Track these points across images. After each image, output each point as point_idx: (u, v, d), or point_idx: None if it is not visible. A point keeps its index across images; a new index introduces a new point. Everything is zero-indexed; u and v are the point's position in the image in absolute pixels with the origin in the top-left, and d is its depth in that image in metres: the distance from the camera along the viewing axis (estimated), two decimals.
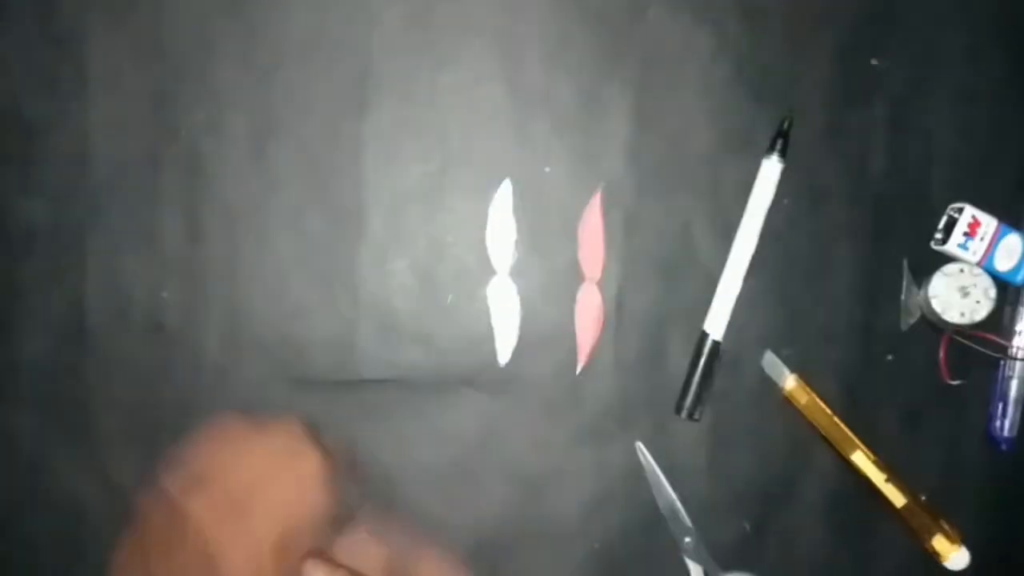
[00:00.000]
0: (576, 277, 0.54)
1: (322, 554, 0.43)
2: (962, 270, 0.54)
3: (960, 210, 0.53)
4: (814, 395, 0.54)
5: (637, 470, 0.55)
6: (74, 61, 0.53)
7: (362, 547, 0.46)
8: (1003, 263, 0.54)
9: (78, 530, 0.54)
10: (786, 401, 0.54)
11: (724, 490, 0.55)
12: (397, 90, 0.54)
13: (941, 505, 0.54)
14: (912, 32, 0.55)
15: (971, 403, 0.56)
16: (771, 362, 0.54)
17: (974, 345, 0.54)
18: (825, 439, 0.54)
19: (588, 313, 0.54)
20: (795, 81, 0.54)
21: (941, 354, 0.55)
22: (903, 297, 0.55)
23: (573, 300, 0.54)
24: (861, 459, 0.53)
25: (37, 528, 0.54)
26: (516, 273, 0.54)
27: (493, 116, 0.54)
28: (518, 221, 0.54)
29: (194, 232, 0.54)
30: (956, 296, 0.54)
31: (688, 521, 0.54)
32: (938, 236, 0.54)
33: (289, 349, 0.54)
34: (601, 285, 0.54)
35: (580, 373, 0.54)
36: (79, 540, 0.54)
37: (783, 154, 0.53)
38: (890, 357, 0.55)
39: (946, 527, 0.53)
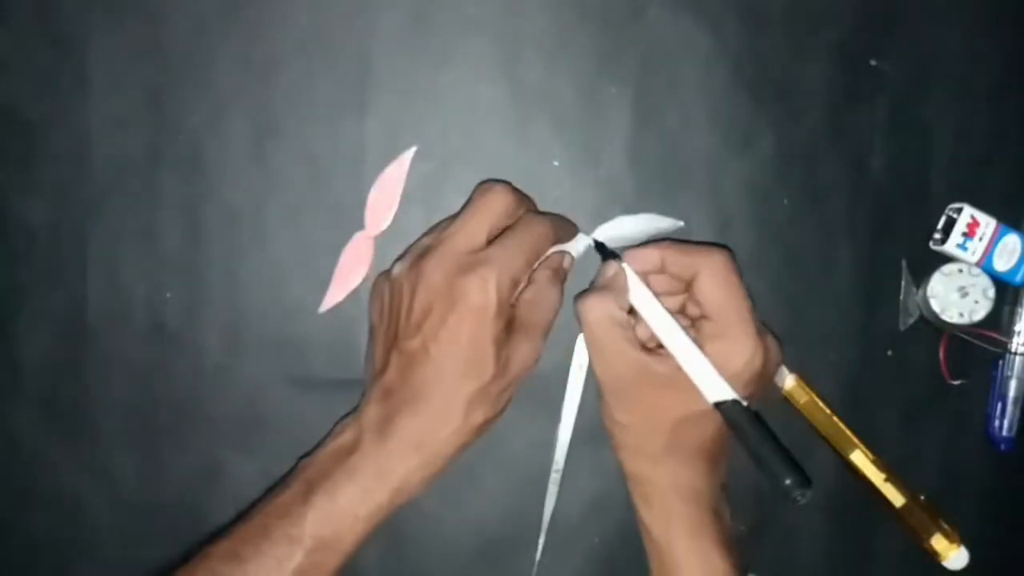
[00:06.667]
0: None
1: None
2: (961, 270, 0.54)
3: (959, 210, 0.54)
4: (813, 395, 0.54)
5: None
6: (74, 61, 0.53)
7: None
8: (1002, 263, 0.54)
9: (78, 529, 0.54)
10: (785, 401, 0.55)
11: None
12: (397, 89, 0.54)
13: (940, 505, 0.54)
14: (912, 32, 0.55)
15: (970, 403, 0.56)
16: None
17: (974, 340, 0.54)
18: (824, 439, 0.54)
19: (355, 262, 0.53)
20: (794, 81, 0.54)
21: (941, 354, 0.55)
22: (902, 297, 0.55)
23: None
24: (860, 459, 0.54)
25: (36, 527, 0.54)
26: None
27: (493, 115, 0.54)
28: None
29: (194, 232, 0.54)
30: (955, 296, 0.54)
31: None
32: (937, 236, 0.55)
33: (290, 349, 0.54)
34: (377, 240, 0.54)
35: (322, 313, 0.54)
36: (79, 539, 0.54)
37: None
38: (889, 352, 0.56)
39: (945, 527, 0.53)
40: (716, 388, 0.46)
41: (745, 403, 0.46)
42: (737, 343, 0.46)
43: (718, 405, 0.46)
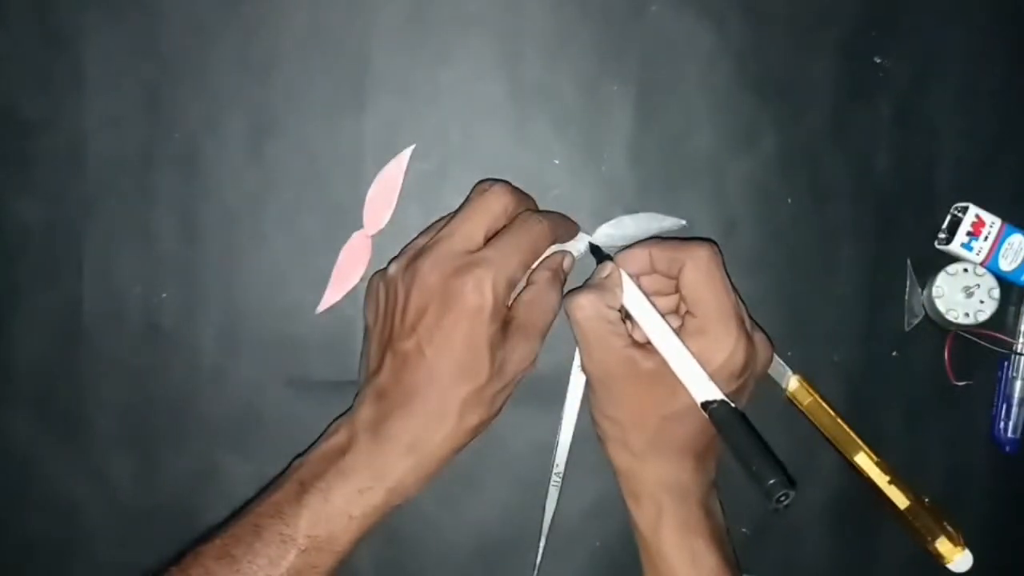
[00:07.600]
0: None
1: None
2: (966, 270, 0.53)
3: (964, 209, 0.53)
4: (817, 396, 0.54)
5: None
6: (70, 59, 0.53)
7: None
8: (1007, 263, 0.54)
9: (72, 532, 0.54)
10: (788, 402, 0.54)
11: (725, 491, 0.54)
12: (396, 87, 0.53)
13: (945, 507, 0.54)
14: (916, 30, 0.54)
15: (975, 405, 0.56)
16: (773, 362, 0.54)
17: (979, 341, 0.54)
18: (828, 440, 0.54)
19: (353, 261, 0.53)
20: (798, 79, 0.54)
21: (946, 354, 0.55)
22: (907, 297, 0.55)
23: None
24: (864, 460, 0.53)
25: (31, 530, 0.54)
26: None
27: (493, 114, 0.54)
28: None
29: (191, 231, 0.53)
30: (960, 296, 0.53)
31: None
32: (942, 236, 0.54)
33: (287, 349, 0.54)
34: (375, 239, 0.53)
35: (319, 313, 0.53)
36: (73, 542, 0.54)
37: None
38: (894, 353, 0.55)
39: (949, 529, 0.53)
40: (702, 387, 0.45)
41: (731, 403, 0.45)
42: (717, 338, 0.46)
43: (704, 404, 0.45)
